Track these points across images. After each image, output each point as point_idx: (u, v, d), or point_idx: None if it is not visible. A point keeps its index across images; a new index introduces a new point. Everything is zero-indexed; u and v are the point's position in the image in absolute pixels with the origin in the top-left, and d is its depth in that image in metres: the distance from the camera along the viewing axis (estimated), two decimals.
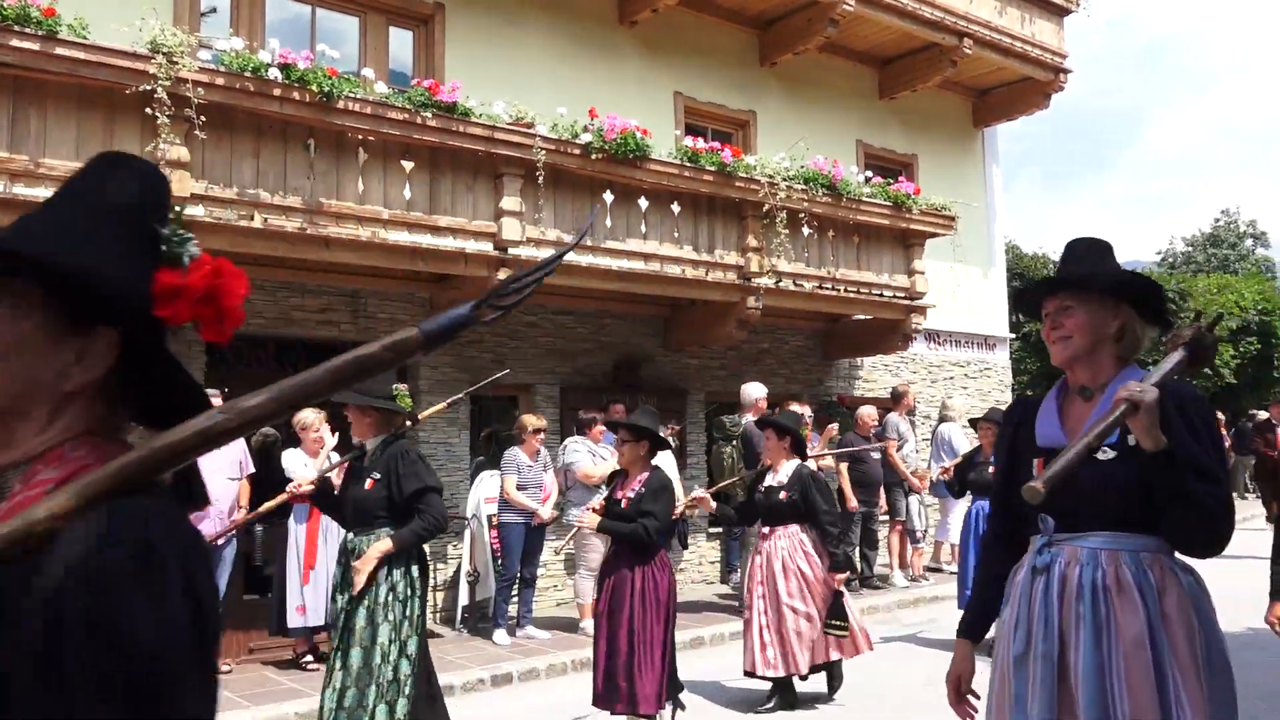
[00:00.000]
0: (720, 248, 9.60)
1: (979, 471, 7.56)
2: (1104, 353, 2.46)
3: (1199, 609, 2.27)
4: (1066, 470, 2.06)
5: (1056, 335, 2.47)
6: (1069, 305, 2.45)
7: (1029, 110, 14.38)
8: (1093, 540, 2.33)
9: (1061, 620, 2.31)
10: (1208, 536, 2.24)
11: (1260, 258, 46.23)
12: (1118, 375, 2.41)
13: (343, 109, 7.21)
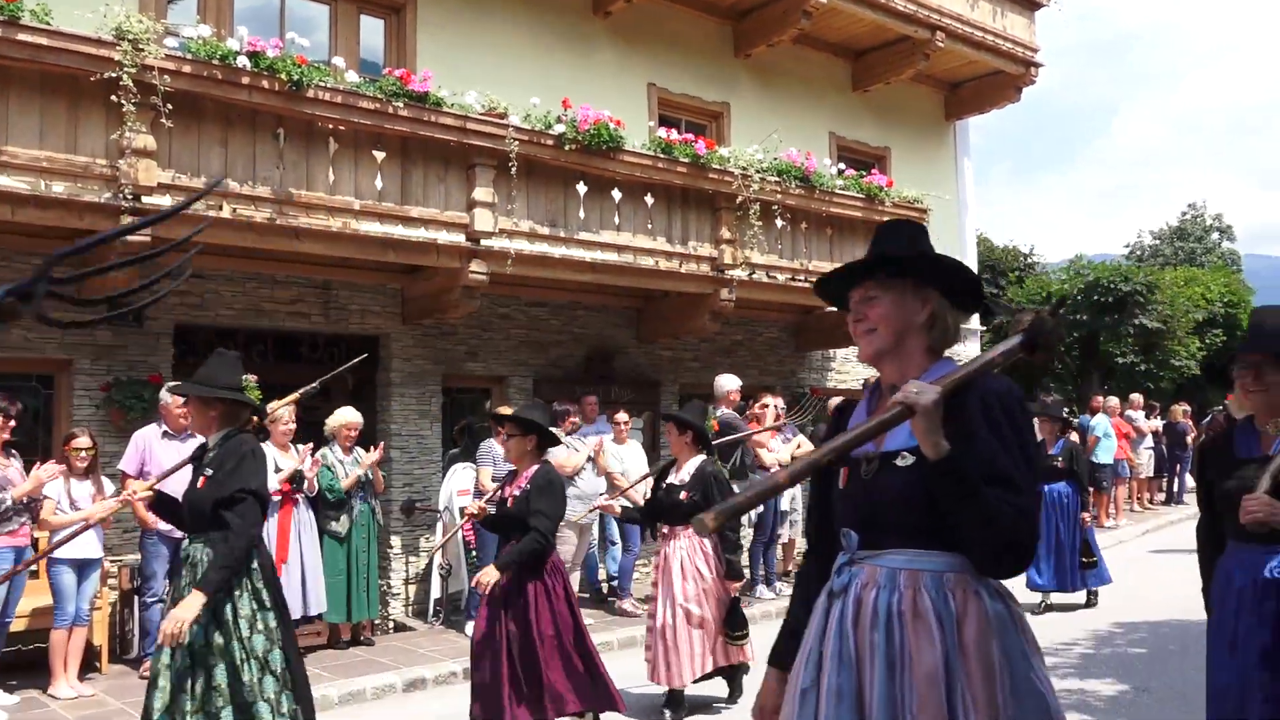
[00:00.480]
0: (694, 239, 9.59)
1: None
2: (912, 345, 2.19)
3: (1004, 640, 1.99)
4: (752, 500, 1.89)
5: (861, 329, 2.21)
6: (873, 295, 2.19)
7: (1000, 103, 14.48)
8: (893, 559, 2.07)
9: (857, 650, 2.06)
10: (1000, 552, 1.96)
11: (1226, 251, 46.89)
12: (929, 370, 2.16)
13: (313, 98, 7.13)
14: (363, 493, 7.64)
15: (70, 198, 6.37)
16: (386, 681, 6.60)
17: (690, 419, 5.94)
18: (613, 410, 9.23)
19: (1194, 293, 21.28)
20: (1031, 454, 2.04)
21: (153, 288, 1.44)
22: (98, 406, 7.39)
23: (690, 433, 5.88)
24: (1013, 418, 2.03)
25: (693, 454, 5.88)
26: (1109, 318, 19.89)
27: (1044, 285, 22.84)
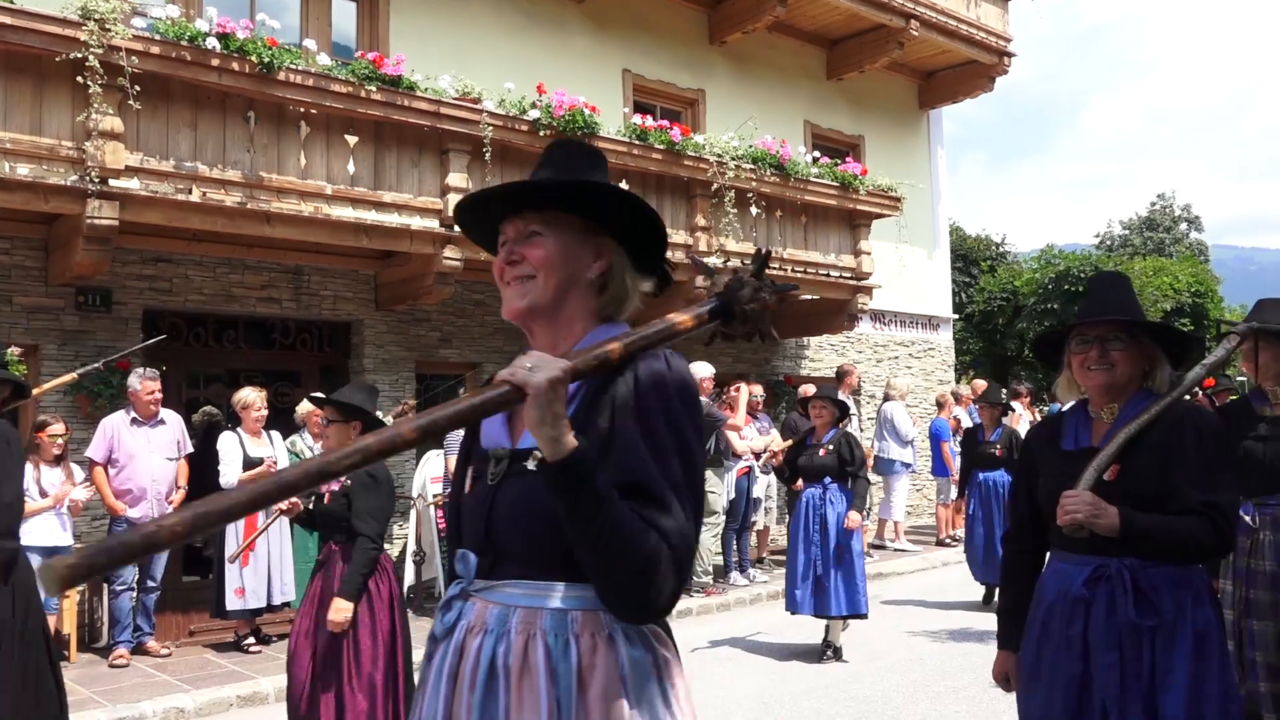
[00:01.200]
0: (669, 226, 9.51)
1: (810, 455, 6.98)
2: (574, 306, 1.70)
3: (639, 694, 1.54)
4: (231, 509, 1.28)
5: (512, 274, 1.70)
6: (535, 231, 1.69)
7: (974, 93, 14.54)
8: (509, 593, 1.59)
9: (452, 713, 1.58)
10: (631, 590, 1.46)
11: (1194, 241, 47.44)
12: (587, 336, 1.68)
13: (284, 81, 7.04)
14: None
15: (36, 180, 6.26)
16: None
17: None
18: None
19: (1162, 282, 21.48)
20: (696, 463, 1.56)
21: None
22: (65, 393, 7.28)
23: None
24: (672, 413, 1.55)
25: None
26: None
27: (1015, 274, 23.00)
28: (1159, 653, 2.48)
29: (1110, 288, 2.84)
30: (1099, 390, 2.70)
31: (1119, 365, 2.66)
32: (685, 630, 7.88)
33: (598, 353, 1.54)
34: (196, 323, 8.22)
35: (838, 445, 6.91)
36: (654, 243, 1.76)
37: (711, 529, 8.94)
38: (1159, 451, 2.55)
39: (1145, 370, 2.71)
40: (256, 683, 6.24)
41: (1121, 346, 2.67)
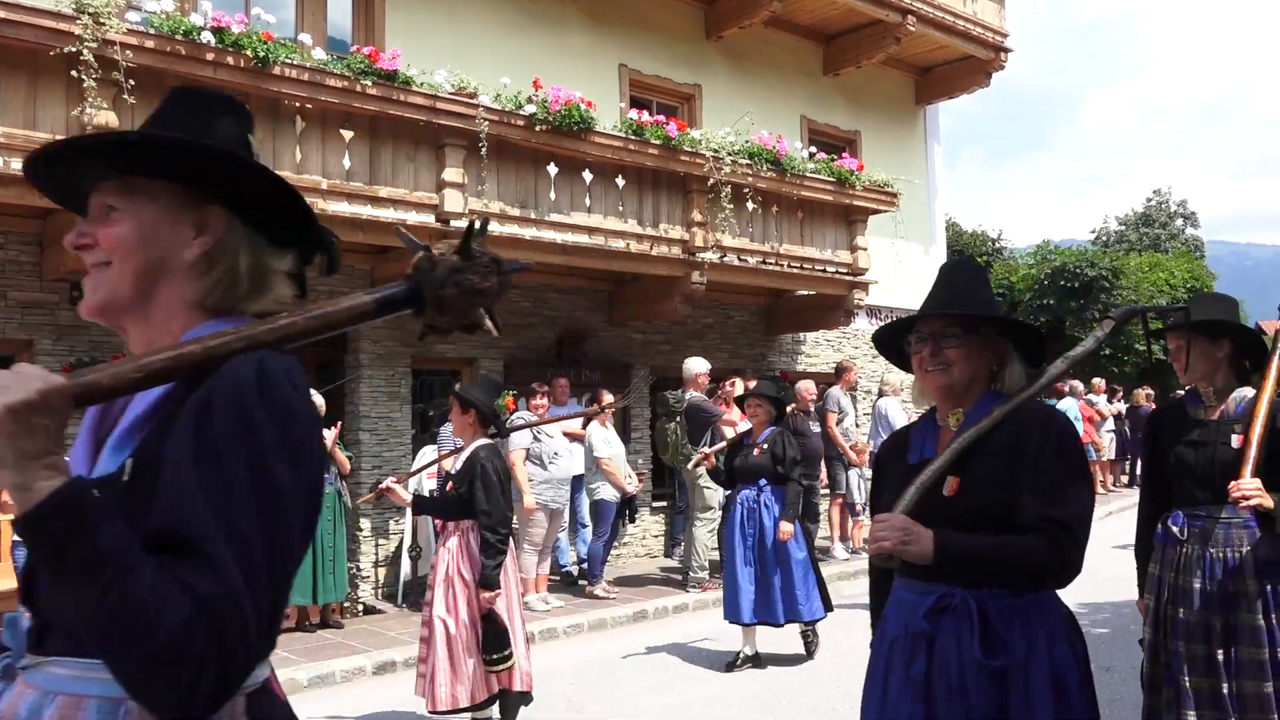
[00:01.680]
0: (665, 222, 9.57)
1: (745, 455, 6.62)
2: (168, 296, 1.33)
3: None
4: None
5: (88, 262, 1.34)
6: (111, 205, 1.33)
7: (970, 88, 14.55)
8: (53, 672, 1.20)
9: None
10: (146, 675, 1.07)
11: (1190, 237, 47.51)
12: (185, 335, 1.29)
13: (279, 75, 7.03)
14: (328, 475, 7.58)
15: None
16: (356, 664, 6.57)
17: (473, 397, 5.08)
18: (599, 393, 9.16)
19: (1158, 278, 21.55)
20: (281, 502, 1.15)
21: None
22: None
23: (472, 410, 5.03)
24: (252, 434, 1.16)
25: (476, 434, 5.04)
26: (1075, 303, 20.10)
27: (1011, 270, 23.03)
28: (1011, 697, 2.13)
29: (951, 276, 2.46)
30: (938, 393, 2.39)
31: (956, 365, 2.32)
32: (681, 625, 7.89)
33: (151, 360, 1.18)
34: None
35: (772, 445, 6.53)
36: (284, 206, 1.35)
37: (708, 524, 8.94)
38: (1003, 459, 2.21)
39: (994, 369, 2.38)
40: None
41: (958, 343, 2.32)
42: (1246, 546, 3.27)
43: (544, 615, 7.85)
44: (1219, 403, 3.44)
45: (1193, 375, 3.48)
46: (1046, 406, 2.42)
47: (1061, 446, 2.22)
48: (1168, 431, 3.52)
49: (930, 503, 2.20)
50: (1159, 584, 3.45)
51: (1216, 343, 3.45)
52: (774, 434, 6.56)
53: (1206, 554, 3.32)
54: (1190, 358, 3.43)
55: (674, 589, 8.92)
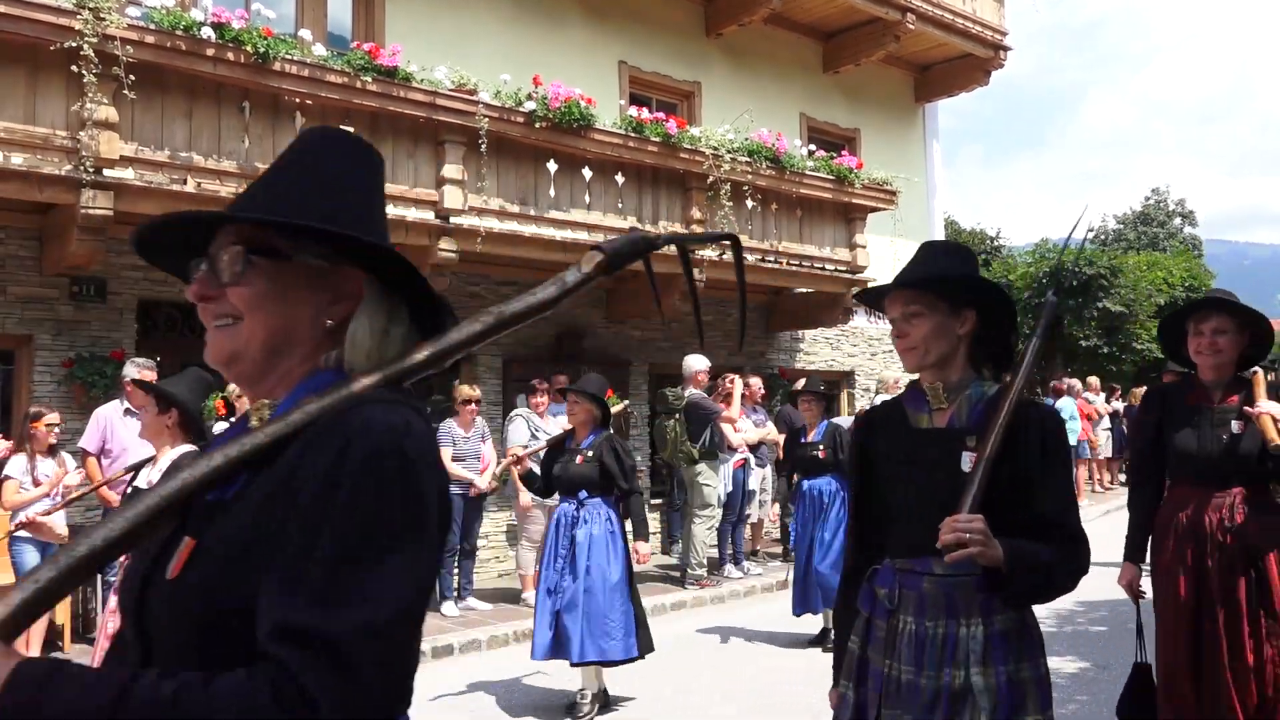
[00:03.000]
0: (664, 219, 9.58)
1: (565, 463, 5.73)
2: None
3: None
4: None
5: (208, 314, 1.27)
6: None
7: (970, 87, 14.56)
8: None
9: None
10: None
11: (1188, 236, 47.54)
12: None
13: (279, 71, 7.03)
14: None
15: (30, 169, 6.24)
16: None
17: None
18: None
19: (1156, 277, 21.56)
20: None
21: None
22: (59, 383, 7.28)
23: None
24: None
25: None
26: (1073, 301, 20.12)
27: (1010, 268, 23.06)
28: None
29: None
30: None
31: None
32: (680, 622, 7.90)
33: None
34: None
35: (599, 452, 5.59)
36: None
37: (707, 521, 8.95)
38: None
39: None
40: None
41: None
42: None
43: None
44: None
45: None
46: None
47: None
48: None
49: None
50: None
51: None
52: (600, 439, 5.64)
53: None
54: None
55: (672, 586, 8.92)
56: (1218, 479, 3.54)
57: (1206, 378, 3.62)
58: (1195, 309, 3.64)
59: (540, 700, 5.79)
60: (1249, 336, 3.58)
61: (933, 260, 2.32)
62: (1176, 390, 3.75)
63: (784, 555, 10.20)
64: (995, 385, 2.26)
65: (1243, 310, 3.58)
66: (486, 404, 9.21)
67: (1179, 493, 3.67)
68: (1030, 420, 2.15)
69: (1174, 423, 3.65)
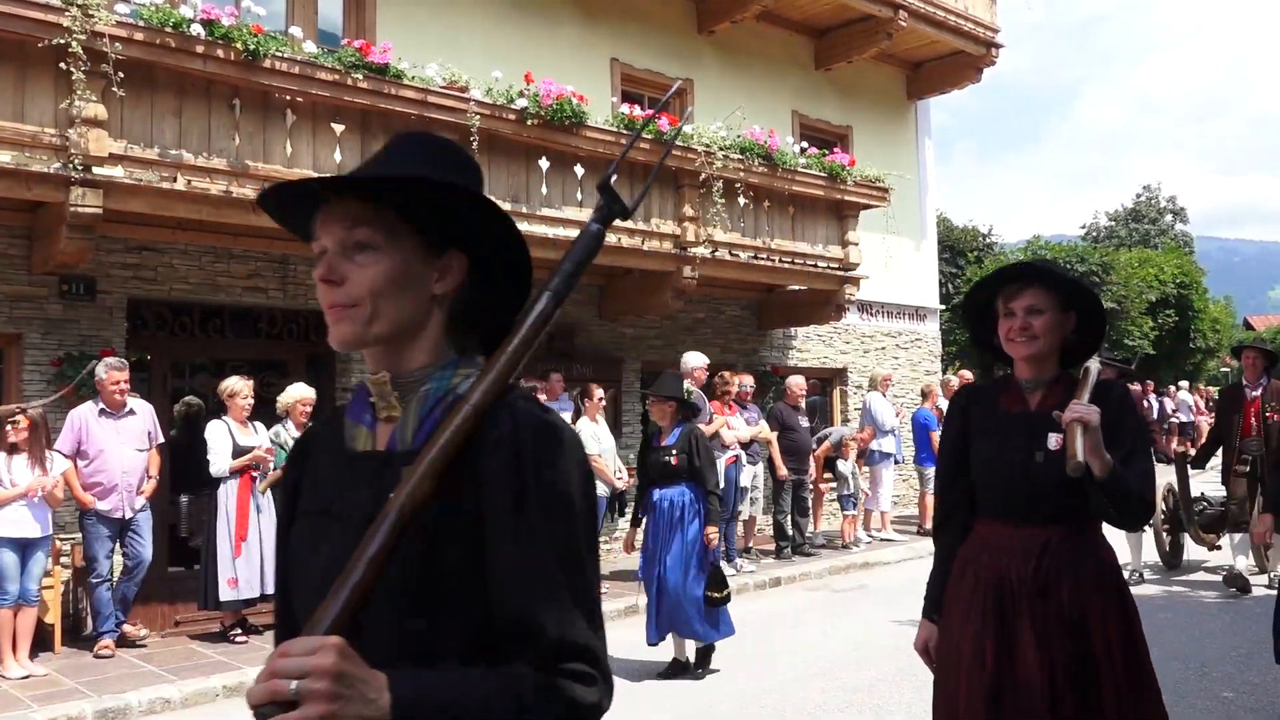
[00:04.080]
0: (656, 217, 9.56)
1: None
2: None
3: None
4: None
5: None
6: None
7: (961, 84, 14.57)
8: None
9: None
10: None
11: (1179, 233, 47.71)
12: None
13: (269, 68, 6.99)
14: None
15: (18, 167, 6.20)
16: None
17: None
18: (589, 388, 9.13)
19: (1148, 274, 21.63)
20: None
21: None
22: (48, 382, 7.24)
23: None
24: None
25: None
26: None
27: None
28: None
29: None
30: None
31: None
32: None
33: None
34: (181, 312, 8.16)
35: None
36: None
37: None
38: None
39: None
40: (243, 673, 6.21)
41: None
42: None
43: None
44: None
45: None
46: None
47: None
48: None
49: None
50: None
51: None
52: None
53: None
54: None
55: None
56: (1027, 514, 2.58)
57: (1022, 374, 2.70)
58: (1003, 281, 2.69)
59: None
60: (1075, 320, 2.67)
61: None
62: (986, 393, 2.81)
63: (776, 552, 10.21)
64: None
65: (1065, 282, 2.66)
66: None
67: (981, 533, 2.70)
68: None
69: (978, 436, 2.74)
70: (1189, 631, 6.91)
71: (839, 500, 11.05)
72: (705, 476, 6.23)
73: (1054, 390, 2.62)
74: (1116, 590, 2.58)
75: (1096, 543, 2.60)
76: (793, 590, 9.14)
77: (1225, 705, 5.24)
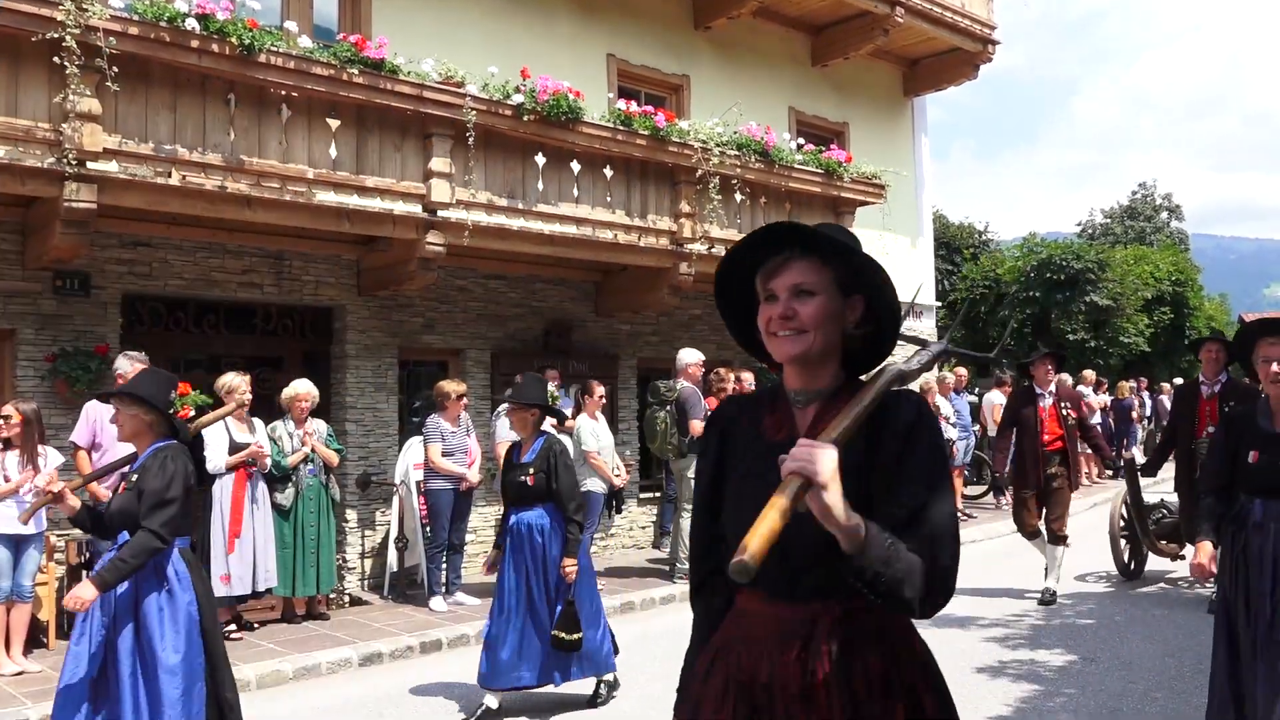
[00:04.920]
0: (653, 213, 9.55)
1: None
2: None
3: None
4: None
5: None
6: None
7: (958, 81, 14.57)
8: None
9: None
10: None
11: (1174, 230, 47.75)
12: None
13: (264, 63, 6.97)
14: (312, 466, 7.53)
15: (12, 162, 6.18)
16: (342, 656, 6.54)
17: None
18: (590, 385, 9.08)
19: (1143, 271, 21.63)
20: None
21: None
22: (43, 377, 7.21)
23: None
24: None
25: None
26: (1061, 295, 20.16)
27: (998, 262, 23.10)
28: None
29: None
30: None
31: None
32: (668, 616, 7.90)
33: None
34: (176, 307, 8.14)
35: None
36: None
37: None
38: None
39: None
40: (238, 669, 6.18)
41: None
42: None
43: None
44: None
45: None
46: None
47: None
48: None
49: None
50: None
51: None
52: None
53: None
54: None
55: (661, 580, 8.92)
56: (788, 586, 1.79)
57: (790, 383, 1.91)
58: (755, 249, 1.91)
59: (532, 695, 5.77)
60: (864, 307, 1.87)
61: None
62: (752, 408, 1.99)
63: None
64: None
65: (840, 250, 1.84)
66: (474, 398, 9.17)
67: (739, 609, 1.92)
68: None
69: (732, 473, 1.94)
70: (1185, 627, 6.93)
71: None
72: (563, 500, 5.36)
73: (831, 406, 1.84)
74: (912, 693, 1.78)
75: (890, 625, 1.81)
76: None
77: None
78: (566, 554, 5.34)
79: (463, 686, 5.96)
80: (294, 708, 5.72)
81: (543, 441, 5.51)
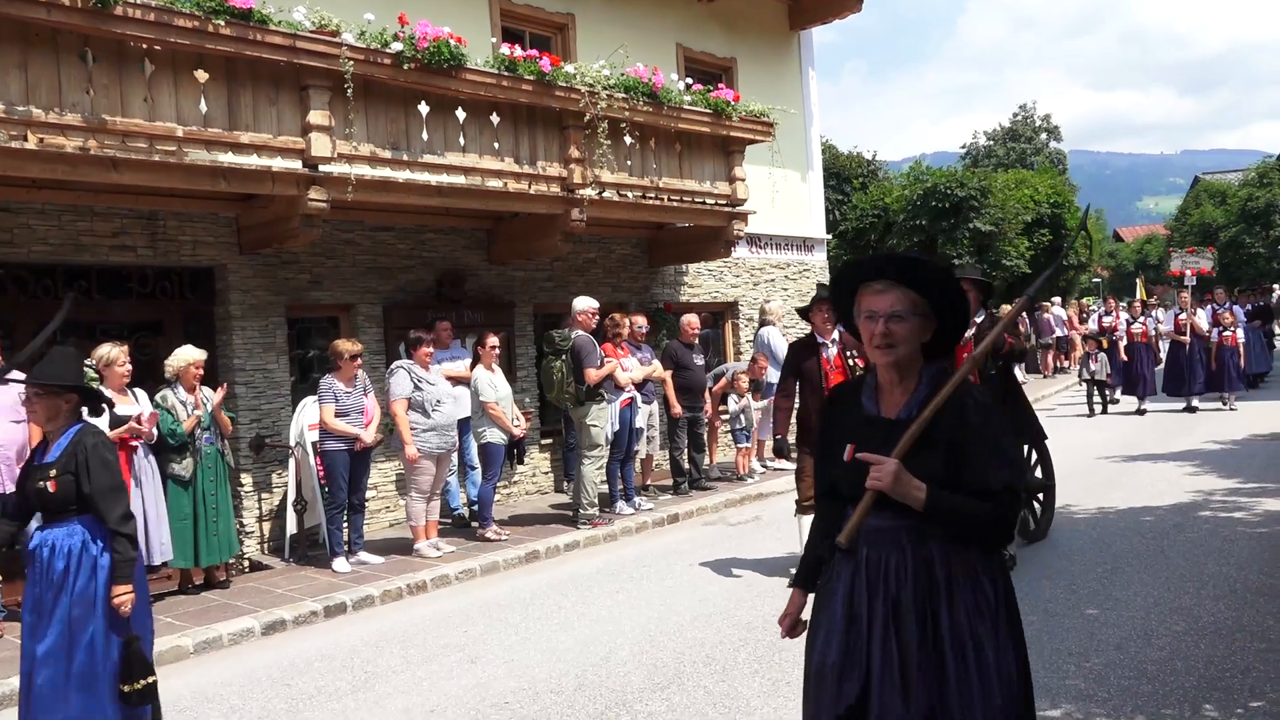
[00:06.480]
0: (542, 159, 9.42)
1: None
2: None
3: None
4: None
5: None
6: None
7: (843, 14, 14.65)
8: None
9: None
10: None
11: (1053, 150, 49.37)
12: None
13: (121, 15, 6.57)
14: (208, 434, 7.35)
15: None
16: (244, 626, 6.47)
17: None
18: (484, 336, 9.00)
19: (1023, 195, 22.30)
20: None
21: None
22: None
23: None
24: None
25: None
26: (945, 222, 20.69)
27: (886, 192, 23.55)
28: None
29: None
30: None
31: None
32: (573, 563, 8.02)
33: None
34: (44, 274, 7.76)
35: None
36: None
37: (596, 461, 9.05)
38: None
39: None
40: None
41: None
42: None
43: (435, 562, 7.86)
44: None
45: None
46: None
47: None
48: None
49: None
50: None
51: None
52: None
53: None
54: None
55: (565, 526, 9.03)
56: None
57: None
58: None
59: (437, 649, 5.82)
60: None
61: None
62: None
63: (674, 488, 10.42)
64: None
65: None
66: (369, 354, 9.03)
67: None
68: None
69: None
70: (1059, 548, 7.34)
71: (732, 434, 11.29)
72: (104, 509, 4.09)
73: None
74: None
75: None
76: (691, 525, 9.35)
77: (1089, 622, 5.60)
78: (118, 579, 4.07)
79: (368, 650, 5.98)
80: (198, 683, 5.65)
81: (74, 433, 4.20)
